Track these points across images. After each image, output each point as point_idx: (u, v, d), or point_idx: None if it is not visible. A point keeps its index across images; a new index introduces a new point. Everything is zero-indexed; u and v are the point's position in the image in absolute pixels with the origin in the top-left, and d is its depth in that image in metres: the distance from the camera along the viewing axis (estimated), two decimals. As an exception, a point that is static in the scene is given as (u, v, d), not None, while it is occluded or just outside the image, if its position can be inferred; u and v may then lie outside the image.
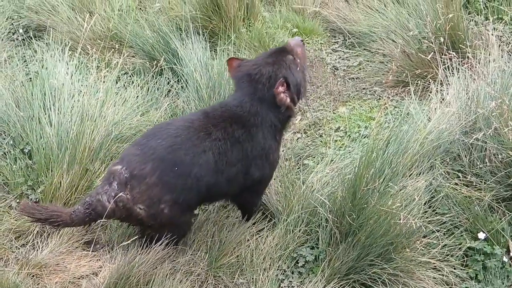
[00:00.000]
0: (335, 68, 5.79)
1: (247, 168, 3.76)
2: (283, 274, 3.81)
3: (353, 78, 5.66)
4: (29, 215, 3.70)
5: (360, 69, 5.75)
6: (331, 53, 5.98)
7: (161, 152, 3.58)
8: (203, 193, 3.68)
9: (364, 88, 5.50)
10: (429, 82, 4.91)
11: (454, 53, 4.64)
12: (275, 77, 3.77)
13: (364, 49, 5.91)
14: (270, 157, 3.85)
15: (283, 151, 4.43)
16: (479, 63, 4.52)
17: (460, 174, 4.11)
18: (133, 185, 3.54)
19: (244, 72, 3.87)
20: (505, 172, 3.95)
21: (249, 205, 4.08)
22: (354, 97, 5.39)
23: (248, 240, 3.91)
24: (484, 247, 3.73)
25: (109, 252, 3.90)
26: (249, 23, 6.02)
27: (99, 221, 3.74)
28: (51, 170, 4.19)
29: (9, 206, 4.21)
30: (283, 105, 3.76)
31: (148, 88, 5.23)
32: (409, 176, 4.01)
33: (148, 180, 3.53)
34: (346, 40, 6.14)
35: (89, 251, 3.92)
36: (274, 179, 4.22)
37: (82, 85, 4.84)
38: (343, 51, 6.03)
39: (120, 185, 3.55)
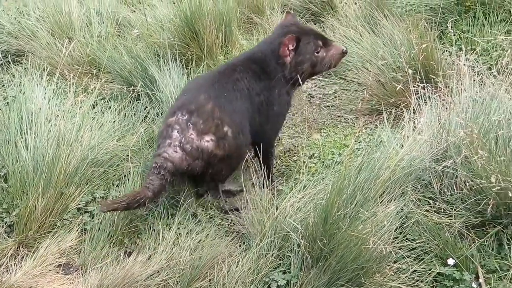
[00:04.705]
0: (310, 96, 5.86)
1: (268, 98, 4.34)
2: (255, 298, 3.83)
3: (329, 106, 5.72)
4: (115, 208, 3.84)
5: (335, 97, 5.81)
6: (307, 82, 6.03)
7: (206, 84, 4.11)
8: (246, 119, 4.14)
9: (339, 116, 5.56)
10: (403, 111, 4.97)
11: (427, 82, 4.72)
12: (291, 33, 4.36)
13: (339, 77, 5.95)
14: (281, 95, 4.42)
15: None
16: (451, 92, 4.59)
17: (430, 201, 4.13)
18: (195, 121, 3.88)
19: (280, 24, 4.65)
20: (475, 199, 3.98)
21: (266, 144, 4.49)
22: (329, 124, 5.45)
23: (221, 263, 3.93)
24: (454, 273, 3.75)
25: (82, 275, 3.91)
26: (227, 50, 6.08)
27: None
28: (27, 194, 4.21)
29: (-16, 229, 4.21)
30: (281, 56, 4.32)
31: (125, 113, 5.27)
32: (380, 202, 4.03)
33: (207, 107, 3.91)
34: (322, 68, 6.19)
35: (63, 274, 3.93)
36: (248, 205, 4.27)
37: (59, 110, 4.88)
38: (319, 80, 6.08)
39: (181, 130, 3.87)
